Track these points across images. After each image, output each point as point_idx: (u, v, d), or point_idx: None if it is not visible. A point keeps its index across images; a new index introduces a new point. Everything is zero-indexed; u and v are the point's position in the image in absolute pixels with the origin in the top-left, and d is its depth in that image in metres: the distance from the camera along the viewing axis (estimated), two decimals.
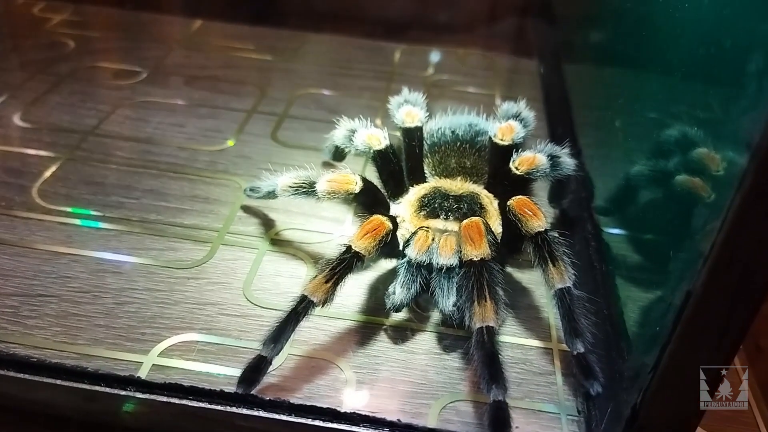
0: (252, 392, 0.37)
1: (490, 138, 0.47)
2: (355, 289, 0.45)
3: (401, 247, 0.43)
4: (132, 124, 0.62)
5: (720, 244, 0.25)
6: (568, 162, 0.46)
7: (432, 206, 0.45)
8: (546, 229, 0.40)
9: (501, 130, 0.47)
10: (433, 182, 0.48)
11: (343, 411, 0.37)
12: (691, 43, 0.35)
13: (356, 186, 0.44)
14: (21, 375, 0.37)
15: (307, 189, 0.45)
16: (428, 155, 0.50)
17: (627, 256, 0.44)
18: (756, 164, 0.23)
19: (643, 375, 0.31)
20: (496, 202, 0.46)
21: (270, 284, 0.46)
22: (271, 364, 0.37)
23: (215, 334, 0.41)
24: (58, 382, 0.37)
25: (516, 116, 0.49)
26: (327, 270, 0.38)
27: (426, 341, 0.42)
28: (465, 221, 0.40)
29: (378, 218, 0.41)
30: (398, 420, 0.37)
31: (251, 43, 0.80)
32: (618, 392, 0.35)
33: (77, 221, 0.50)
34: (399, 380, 0.40)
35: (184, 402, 0.37)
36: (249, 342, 0.41)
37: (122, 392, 0.37)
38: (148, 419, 0.38)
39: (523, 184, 0.45)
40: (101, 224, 0.50)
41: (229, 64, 0.75)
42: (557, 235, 0.40)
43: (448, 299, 0.40)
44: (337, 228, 0.51)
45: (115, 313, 0.42)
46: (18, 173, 0.54)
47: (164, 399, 0.37)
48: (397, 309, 0.41)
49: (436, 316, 0.44)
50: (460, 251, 0.39)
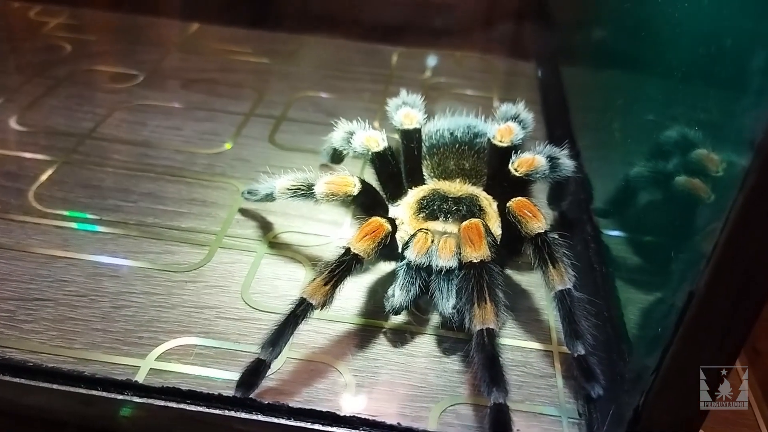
0: (250, 396, 0.36)
1: (489, 140, 0.47)
2: (354, 292, 0.45)
3: (400, 250, 0.42)
4: (129, 128, 0.62)
5: (723, 244, 0.25)
6: (567, 163, 0.46)
7: (431, 208, 0.45)
8: (546, 231, 0.40)
9: (500, 132, 0.47)
10: (432, 184, 0.48)
11: (343, 415, 0.37)
12: (691, 43, 0.35)
13: (355, 188, 0.44)
14: (17, 379, 0.37)
15: (306, 191, 0.44)
16: (427, 157, 0.50)
17: (627, 258, 0.44)
18: (759, 163, 0.23)
19: (645, 377, 0.31)
20: (495, 204, 0.46)
21: (268, 287, 0.45)
22: (270, 368, 0.37)
23: (213, 338, 0.41)
24: (55, 387, 0.37)
25: (515, 118, 0.49)
26: (326, 272, 0.38)
27: (426, 344, 0.42)
28: (465, 223, 0.40)
29: (377, 220, 0.41)
30: (398, 424, 0.36)
31: (248, 47, 0.80)
32: (619, 394, 0.35)
33: (74, 225, 0.49)
34: (398, 383, 0.39)
35: (182, 406, 0.36)
36: (247, 345, 0.40)
37: (119, 396, 0.37)
38: (146, 424, 0.38)
39: (522, 186, 0.45)
40: (98, 228, 0.49)
41: (227, 67, 0.75)
42: (557, 237, 0.40)
43: (448, 301, 0.39)
44: (336, 231, 0.51)
45: (112, 317, 0.42)
46: (14, 176, 0.54)
47: (162, 403, 0.36)
48: (397, 312, 0.41)
49: (436, 319, 0.44)
50: (460, 253, 0.39)
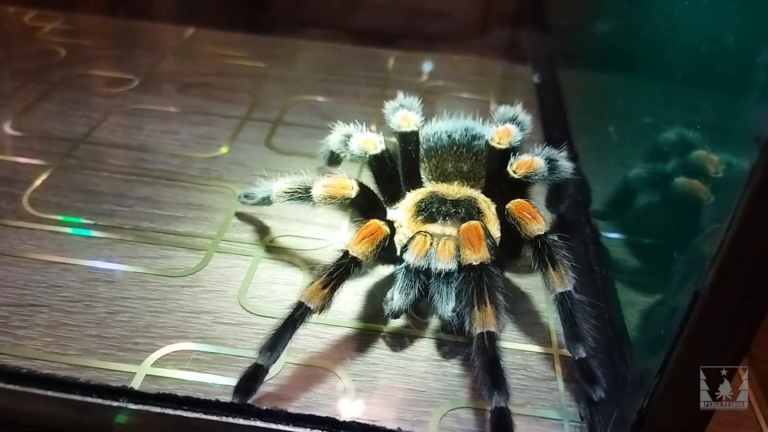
0: (248, 402, 0.36)
1: (487, 142, 0.47)
2: (353, 296, 0.45)
3: (399, 252, 0.42)
4: (124, 132, 0.62)
5: (728, 243, 0.25)
6: (566, 165, 0.46)
7: (429, 211, 0.44)
8: (545, 233, 0.40)
9: (498, 134, 0.46)
10: (430, 187, 0.48)
11: (342, 420, 0.36)
12: (691, 43, 0.35)
13: (352, 190, 0.43)
14: (11, 386, 0.37)
15: (303, 194, 0.44)
16: (425, 160, 0.50)
17: (627, 260, 0.44)
18: (765, 160, 0.23)
19: (649, 379, 0.31)
20: (494, 206, 0.46)
21: (265, 292, 0.45)
22: (268, 373, 0.36)
23: (210, 343, 0.41)
24: (50, 394, 0.36)
25: (513, 120, 0.49)
26: (324, 276, 0.37)
27: (425, 348, 0.42)
28: (464, 225, 0.40)
29: (375, 223, 0.40)
30: (398, 428, 0.36)
31: (244, 51, 0.80)
32: (621, 397, 0.34)
33: (68, 230, 0.49)
34: (398, 388, 0.39)
35: (179, 413, 0.36)
36: (245, 350, 0.40)
37: (115, 403, 0.36)
38: (142, 431, 0.37)
39: (521, 188, 0.45)
40: (93, 233, 0.49)
41: (222, 72, 0.75)
42: (557, 239, 0.40)
43: (448, 305, 0.39)
44: (333, 234, 0.51)
45: (108, 323, 0.41)
46: (8, 182, 0.54)
47: (158, 410, 0.36)
48: (396, 315, 0.40)
49: (435, 322, 0.43)
50: (459, 256, 0.39)
